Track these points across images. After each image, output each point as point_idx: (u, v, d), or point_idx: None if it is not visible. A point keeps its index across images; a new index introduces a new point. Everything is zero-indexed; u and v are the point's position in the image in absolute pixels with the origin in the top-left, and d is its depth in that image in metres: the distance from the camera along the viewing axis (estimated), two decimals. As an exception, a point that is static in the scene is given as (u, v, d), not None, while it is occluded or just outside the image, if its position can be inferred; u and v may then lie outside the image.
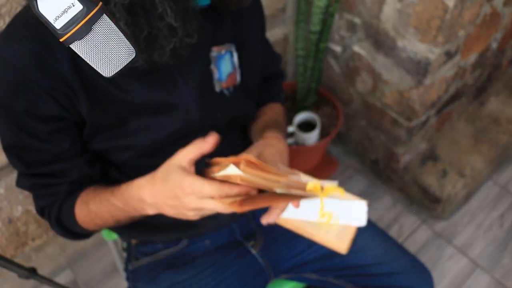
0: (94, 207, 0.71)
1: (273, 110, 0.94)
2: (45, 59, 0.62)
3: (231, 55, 0.77)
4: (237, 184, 0.57)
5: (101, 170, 0.78)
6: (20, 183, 0.75)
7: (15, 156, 0.70)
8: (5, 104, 0.65)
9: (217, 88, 0.77)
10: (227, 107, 0.79)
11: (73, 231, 0.77)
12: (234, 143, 0.87)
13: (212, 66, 0.75)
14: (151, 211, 0.64)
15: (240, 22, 0.79)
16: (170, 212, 0.62)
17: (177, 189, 0.58)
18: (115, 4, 0.56)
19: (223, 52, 0.76)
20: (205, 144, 0.59)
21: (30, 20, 0.62)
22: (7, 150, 0.70)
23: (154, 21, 0.59)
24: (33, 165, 0.70)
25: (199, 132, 0.78)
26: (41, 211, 0.77)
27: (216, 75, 0.76)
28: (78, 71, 0.64)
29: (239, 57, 0.79)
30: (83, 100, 0.66)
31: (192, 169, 0.60)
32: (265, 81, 0.93)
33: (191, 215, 0.61)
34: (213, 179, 0.58)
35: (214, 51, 0.74)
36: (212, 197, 0.58)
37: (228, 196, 0.58)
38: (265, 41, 0.92)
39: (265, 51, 0.90)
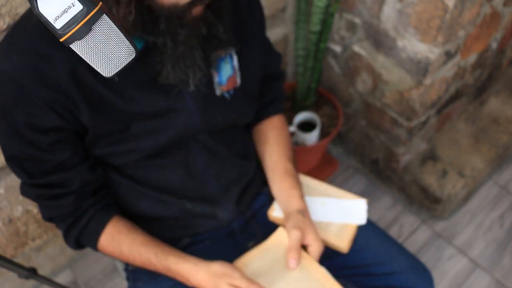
0: (127, 252, 0.76)
1: (280, 134, 0.94)
2: (44, 71, 0.61)
3: (231, 58, 0.77)
4: None
5: (102, 174, 0.78)
6: (24, 192, 0.75)
7: (18, 166, 0.70)
8: (6, 115, 0.65)
9: (218, 92, 0.77)
10: (228, 110, 0.79)
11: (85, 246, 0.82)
12: (234, 141, 0.87)
13: (212, 70, 0.75)
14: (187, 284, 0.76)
15: (239, 24, 0.79)
16: None
17: (218, 278, 0.72)
18: (181, 42, 0.64)
19: (222, 55, 0.76)
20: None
21: (29, 31, 0.61)
22: (9, 161, 0.70)
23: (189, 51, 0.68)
24: (35, 175, 0.71)
25: (200, 135, 0.78)
26: (49, 219, 0.79)
27: (216, 78, 0.76)
28: (79, 83, 0.63)
29: (239, 60, 0.79)
30: (84, 111, 0.66)
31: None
32: (265, 82, 0.92)
33: None
34: None
35: (214, 55, 0.74)
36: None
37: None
38: (265, 40, 0.92)
39: (265, 50, 0.90)
